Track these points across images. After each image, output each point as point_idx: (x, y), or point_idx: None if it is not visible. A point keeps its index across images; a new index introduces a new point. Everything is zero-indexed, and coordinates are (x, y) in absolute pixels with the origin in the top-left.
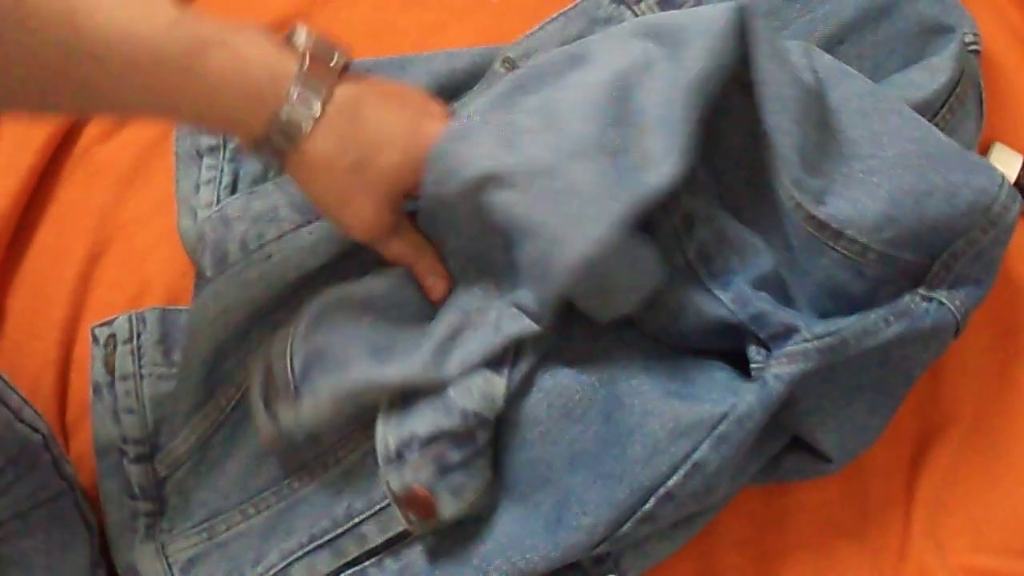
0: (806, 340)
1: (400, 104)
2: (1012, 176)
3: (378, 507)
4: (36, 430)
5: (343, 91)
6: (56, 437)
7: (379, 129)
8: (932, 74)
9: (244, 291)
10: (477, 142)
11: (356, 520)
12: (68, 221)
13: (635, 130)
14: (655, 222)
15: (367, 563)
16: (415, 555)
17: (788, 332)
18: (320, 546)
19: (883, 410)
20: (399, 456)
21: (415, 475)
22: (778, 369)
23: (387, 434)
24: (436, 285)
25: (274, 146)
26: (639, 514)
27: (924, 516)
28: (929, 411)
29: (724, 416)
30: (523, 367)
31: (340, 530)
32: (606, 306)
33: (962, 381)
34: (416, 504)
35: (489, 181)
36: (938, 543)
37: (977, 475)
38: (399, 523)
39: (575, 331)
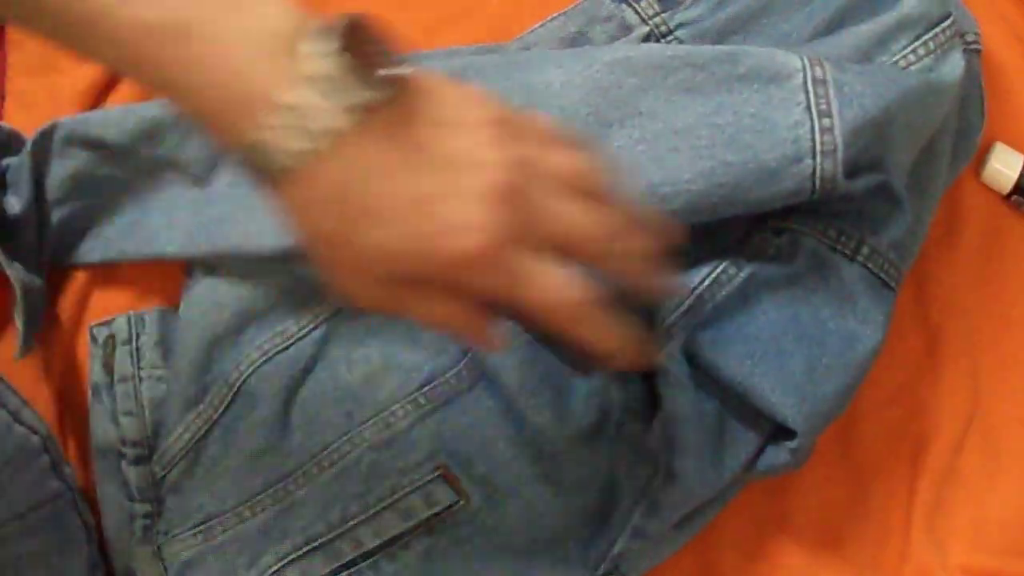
0: (673, 316)
1: (422, 172)
2: (1013, 176)
3: (373, 511)
4: (35, 432)
5: (350, 145)
6: (55, 439)
7: (379, 202)
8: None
9: (234, 289)
10: None
11: (351, 523)
12: None
13: None
14: None
15: (362, 564)
16: (410, 557)
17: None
18: (314, 549)
19: (825, 370)
20: None
21: None
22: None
23: None
24: (483, 341)
25: (248, 167)
26: (628, 528)
27: (924, 516)
28: (929, 411)
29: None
30: None
31: (334, 533)
32: None
33: (962, 381)
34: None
35: None
36: (938, 543)
37: (977, 475)
38: (394, 527)
39: None
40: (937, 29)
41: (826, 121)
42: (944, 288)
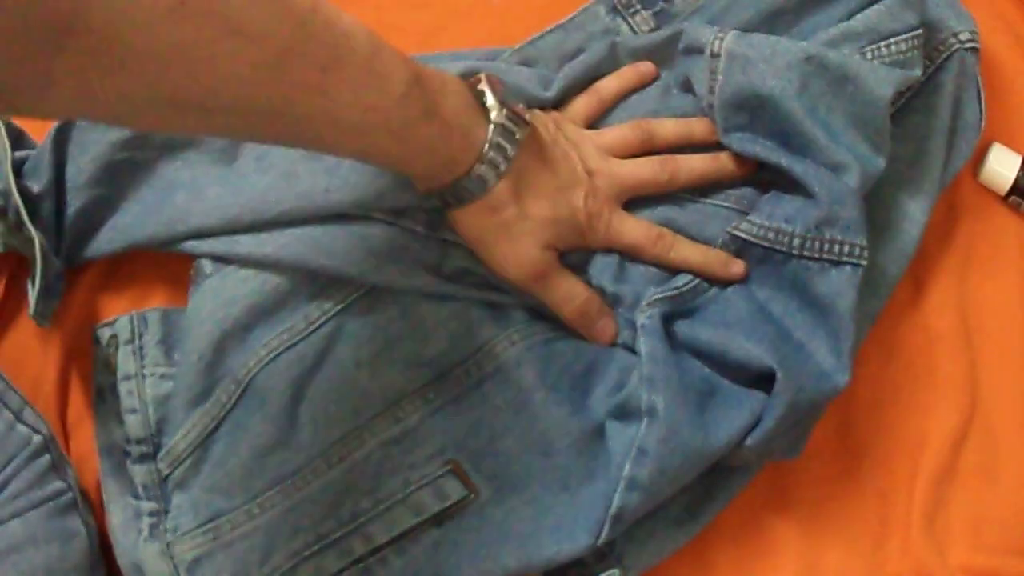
0: (655, 295)
1: (553, 172)
2: (1011, 177)
3: (383, 506)
4: (37, 431)
5: (517, 163)
6: (57, 438)
7: (536, 192)
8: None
9: (243, 285)
10: None
11: (362, 519)
12: None
13: None
14: None
15: (371, 559)
16: (419, 550)
17: (637, 298)
18: (326, 546)
19: (798, 342)
20: None
21: None
22: (643, 318)
23: None
24: (607, 326)
25: (444, 198)
26: (622, 480)
27: (924, 516)
28: (929, 410)
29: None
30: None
31: (346, 529)
32: None
33: (961, 381)
34: None
35: None
36: (938, 543)
37: (977, 475)
38: (405, 522)
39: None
40: (891, 41)
41: (710, 97)
42: (943, 288)
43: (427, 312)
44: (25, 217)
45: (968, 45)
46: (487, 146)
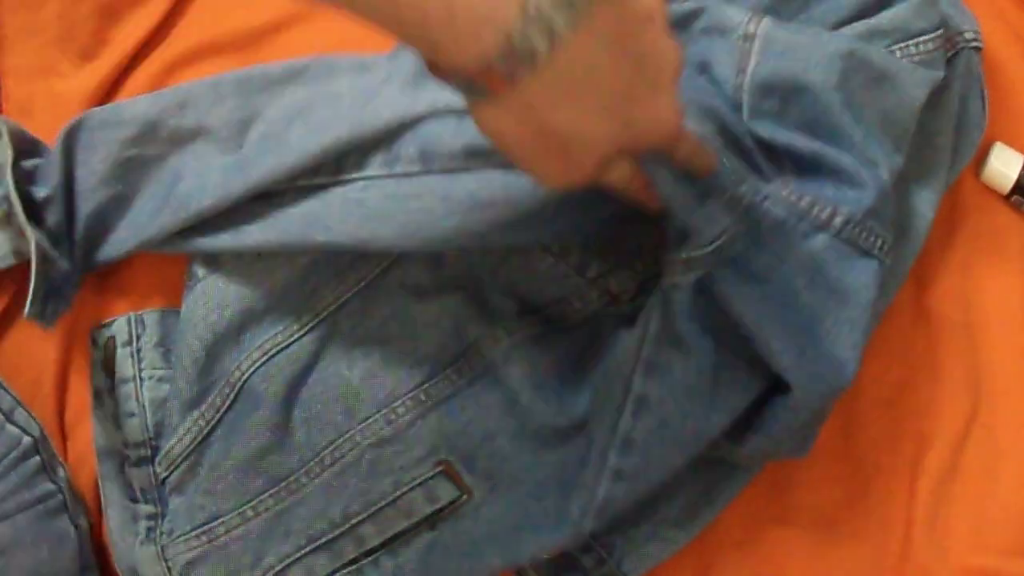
0: (695, 247)
1: (638, 64)
2: (1013, 176)
3: (375, 508)
4: (27, 432)
5: (574, 39)
6: (49, 439)
7: (602, 97)
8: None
9: (235, 288)
10: None
11: (353, 521)
12: None
13: None
14: None
15: (364, 561)
16: (412, 552)
17: (683, 236)
18: (317, 548)
19: (828, 331)
20: None
21: None
22: (671, 280)
23: None
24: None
25: (466, 85)
26: (607, 471)
27: (924, 516)
28: (929, 411)
29: (641, 339)
30: None
31: (337, 531)
32: None
33: (962, 381)
34: None
35: None
36: (938, 543)
37: (977, 475)
38: (396, 524)
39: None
40: (919, 39)
41: (738, 79)
42: (944, 287)
43: (418, 312)
44: (22, 217)
45: (973, 44)
46: (523, 13)
